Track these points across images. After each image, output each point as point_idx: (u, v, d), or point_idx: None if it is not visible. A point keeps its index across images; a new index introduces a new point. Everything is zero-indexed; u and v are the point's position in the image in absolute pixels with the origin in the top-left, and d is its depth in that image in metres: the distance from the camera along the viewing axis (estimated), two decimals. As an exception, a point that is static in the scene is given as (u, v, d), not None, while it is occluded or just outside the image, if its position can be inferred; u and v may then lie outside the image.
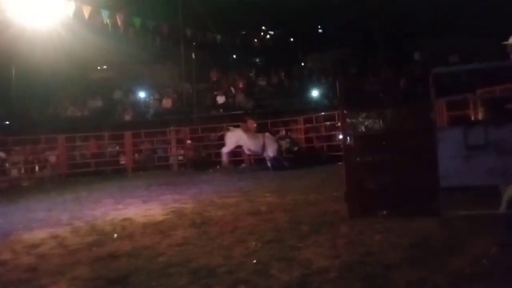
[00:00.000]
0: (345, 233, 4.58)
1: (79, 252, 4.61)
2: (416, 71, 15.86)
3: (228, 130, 11.90)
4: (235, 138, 11.30)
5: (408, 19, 14.22)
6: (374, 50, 15.34)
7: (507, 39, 6.72)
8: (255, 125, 12.38)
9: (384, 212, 5.00)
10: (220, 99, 16.49)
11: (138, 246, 4.66)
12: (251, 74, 18.76)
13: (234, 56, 21.30)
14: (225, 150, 11.46)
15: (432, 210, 4.80)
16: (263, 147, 11.21)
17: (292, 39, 21.52)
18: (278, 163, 11.22)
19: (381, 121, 5.40)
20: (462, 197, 5.26)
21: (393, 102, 12.09)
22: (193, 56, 16.03)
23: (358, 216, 5.05)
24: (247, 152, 11.91)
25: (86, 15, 10.60)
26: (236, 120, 13.95)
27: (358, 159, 5.46)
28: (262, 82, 17.98)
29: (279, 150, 11.26)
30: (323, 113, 13.24)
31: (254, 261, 3.87)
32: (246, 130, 11.83)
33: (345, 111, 5.55)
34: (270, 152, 11.12)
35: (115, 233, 5.35)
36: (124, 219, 6.12)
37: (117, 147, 14.10)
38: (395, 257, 3.70)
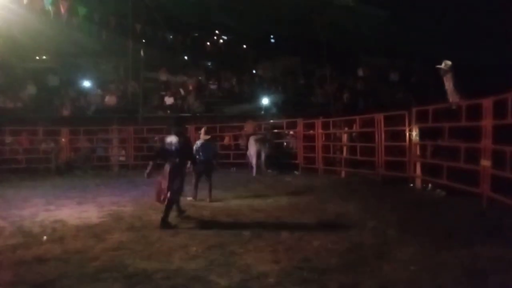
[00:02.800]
0: (285, 238, 4.68)
1: (1, 254, 4.24)
2: (359, 86, 16.76)
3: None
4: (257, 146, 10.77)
5: (354, 37, 14.98)
6: (321, 63, 15.94)
7: (440, 63, 7.37)
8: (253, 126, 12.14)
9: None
10: (168, 100, 16.09)
11: (69, 249, 4.38)
12: (201, 77, 18.57)
13: (185, 57, 20.96)
14: (256, 156, 10.78)
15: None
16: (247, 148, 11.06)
17: (244, 46, 21.68)
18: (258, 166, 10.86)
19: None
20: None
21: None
22: (142, 53, 15.47)
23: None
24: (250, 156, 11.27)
25: (25, -1, 9.83)
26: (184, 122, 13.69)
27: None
28: (213, 86, 17.86)
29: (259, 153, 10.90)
30: (271, 121, 13.45)
31: (194, 266, 3.81)
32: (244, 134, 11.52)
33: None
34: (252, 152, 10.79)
35: (44, 235, 4.98)
36: (56, 221, 5.72)
37: (52, 144, 13.16)
38: (331, 262, 3.85)
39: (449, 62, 7.19)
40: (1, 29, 11.95)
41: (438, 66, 7.32)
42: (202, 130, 7.51)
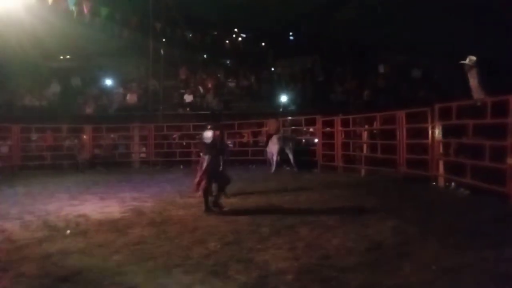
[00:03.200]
0: (304, 236, 4.65)
1: (28, 247, 4.38)
2: (380, 83, 16.46)
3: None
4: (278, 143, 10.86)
5: (375, 33, 14.71)
6: (341, 60, 15.75)
7: (464, 59, 7.16)
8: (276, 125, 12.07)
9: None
10: (188, 98, 16.26)
11: (92, 243, 4.49)
12: (220, 75, 18.67)
13: (204, 55, 21.11)
14: (276, 152, 10.87)
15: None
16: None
17: (263, 44, 21.65)
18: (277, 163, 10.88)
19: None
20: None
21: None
22: (162, 52, 15.68)
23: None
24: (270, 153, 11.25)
25: (50, 0, 10.09)
26: (203, 119, 13.81)
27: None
28: (231, 84, 17.94)
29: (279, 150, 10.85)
30: (290, 118, 13.41)
31: (212, 262, 3.84)
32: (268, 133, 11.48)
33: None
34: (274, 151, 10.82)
35: (68, 229, 5.13)
36: (79, 215, 5.88)
37: (76, 141, 13.53)
38: (351, 261, 3.80)
39: (473, 58, 6.98)
40: (27, 30, 12.33)
41: (462, 61, 7.12)
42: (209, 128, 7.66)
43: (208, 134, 5.92)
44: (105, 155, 13.17)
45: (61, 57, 18.88)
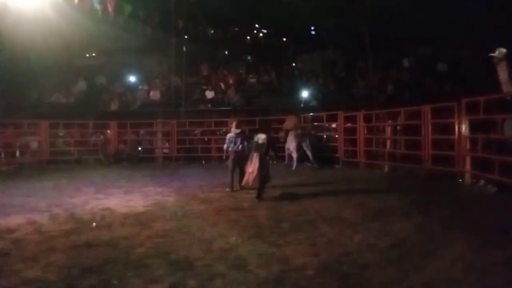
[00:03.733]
0: (325, 232, 4.62)
1: (56, 239, 4.53)
2: (404, 77, 16.10)
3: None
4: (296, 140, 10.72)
5: (398, 26, 14.34)
6: (363, 54, 15.45)
7: (493, 51, 6.89)
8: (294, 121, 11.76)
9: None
10: (209, 94, 16.39)
11: (117, 236, 4.60)
12: (241, 71, 18.70)
13: (226, 51, 21.19)
14: (294, 149, 10.78)
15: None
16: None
17: (284, 39, 21.51)
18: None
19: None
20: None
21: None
22: (184, 48, 15.84)
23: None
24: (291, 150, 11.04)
25: (76, -1, 10.35)
26: (224, 116, 13.91)
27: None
28: (252, 80, 17.95)
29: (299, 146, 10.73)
30: (311, 114, 13.30)
31: (233, 256, 3.87)
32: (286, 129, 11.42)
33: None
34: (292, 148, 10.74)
35: (94, 222, 5.27)
36: (104, 209, 6.04)
37: (101, 137, 13.89)
38: (372, 257, 3.75)
39: (503, 50, 6.71)
40: (54, 29, 12.70)
41: (492, 54, 6.86)
42: (233, 124, 7.96)
43: (262, 136, 6.85)
44: (129, 150, 13.46)
45: (87, 55, 19.36)
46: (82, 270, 3.55)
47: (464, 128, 7.58)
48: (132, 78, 17.92)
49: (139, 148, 13.82)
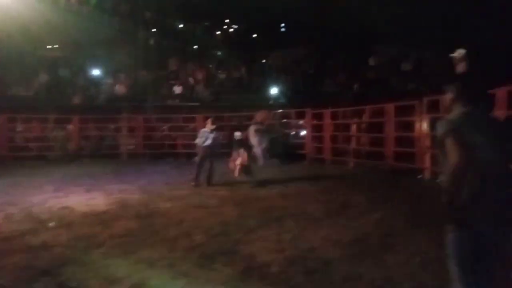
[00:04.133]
0: (290, 228, 4.66)
1: (10, 240, 4.31)
2: (370, 75, 16.49)
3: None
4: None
5: (366, 26, 14.68)
6: (332, 52, 15.70)
7: (453, 52, 7.19)
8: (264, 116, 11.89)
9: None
10: (178, 89, 16.11)
11: (76, 236, 4.43)
12: (210, 66, 18.51)
13: (195, 46, 20.90)
14: (260, 146, 10.69)
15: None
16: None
17: (255, 35, 21.48)
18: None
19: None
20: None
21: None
22: (152, 42, 15.49)
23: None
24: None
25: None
26: (193, 112, 13.73)
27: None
28: (222, 75, 17.80)
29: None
30: (280, 110, 13.36)
31: (198, 254, 3.82)
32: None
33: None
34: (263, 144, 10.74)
35: (52, 221, 5.05)
36: (64, 208, 5.80)
37: (63, 132, 13.35)
38: (336, 252, 3.82)
39: (462, 51, 7.02)
40: (14, 17, 12.03)
41: (452, 54, 7.15)
42: (209, 121, 8.05)
43: (238, 133, 8.22)
44: (92, 146, 12.99)
45: (49, 47, 18.52)
46: (39, 272, 3.39)
47: (425, 125, 7.86)
48: (97, 72, 17.30)
49: (103, 144, 13.37)
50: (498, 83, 5.97)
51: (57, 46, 18.60)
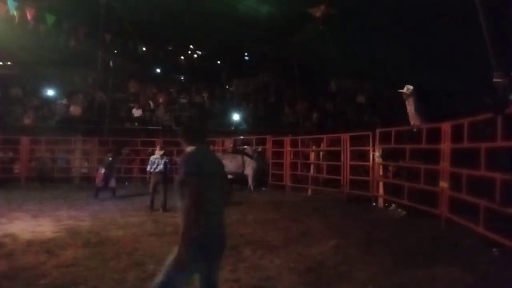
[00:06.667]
0: (247, 256, 4.61)
1: None
2: (328, 106, 17.15)
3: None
4: None
5: (324, 60, 15.36)
6: (292, 82, 16.18)
7: (402, 88, 7.66)
8: (231, 145, 12.05)
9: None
10: (137, 112, 15.76)
11: (17, 266, 4.12)
12: (171, 90, 18.40)
13: (158, 69, 20.75)
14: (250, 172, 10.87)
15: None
16: (243, 166, 10.95)
17: (218, 62, 21.74)
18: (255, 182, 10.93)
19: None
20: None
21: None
22: (111, 63, 15.18)
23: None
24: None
25: (-13, 2, 9.41)
26: (152, 135, 13.48)
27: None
28: (183, 100, 17.72)
29: (256, 169, 10.96)
30: (241, 137, 13.44)
31: (149, 285, 3.65)
32: (224, 152, 11.40)
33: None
34: (249, 170, 10.87)
35: (-9, 250, 4.66)
36: (6, 235, 5.39)
37: (11, 153, 12.53)
38: (291, 281, 3.82)
39: (410, 87, 7.50)
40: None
41: (400, 90, 7.61)
42: (158, 146, 8.36)
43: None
44: (42, 169, 12.27)
45: (0, 63, 17.63)
46: (-31, 308, 3.09)
47: (378, 155, 8.22)
48: (51, 92, 16.61)
49: (54, 167, 12.68)
50: (442, 118, 6.44)
51: (9, 63, 17.74)
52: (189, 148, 2.60)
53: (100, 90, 15.48)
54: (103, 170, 9.34)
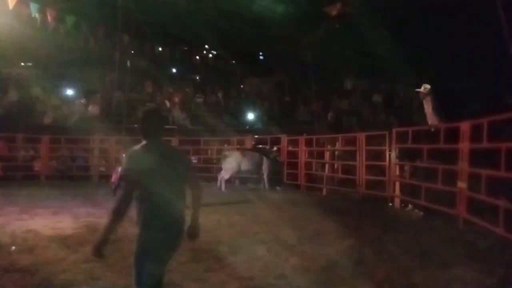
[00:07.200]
0: (262, 255, 4.64)
1: (-34, 265, 4.08)
2: (343, 105, 17.03)
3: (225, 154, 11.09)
4: (236, 162, 10.60)
5: (340, 58, 15.27)
6: (307, 81, 16.13)
7: (419, 87, 7.57)
8: (253, 142, 11.86)
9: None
10: (153, 112, 15.96)
11: (38, 261, 4.24)
12: (187, 90, 18.59)
13: (173, 69, 21.00)
14: (225, 176, 10.71)
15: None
16: (260, 164, 10.83)
17: (233, 61, 21.85)
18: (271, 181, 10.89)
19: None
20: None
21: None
22: (128, 64, 15.43)
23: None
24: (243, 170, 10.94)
25: (10, 5, 9.69)
26: (168, 134, 13.64)
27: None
28: (199, 99, 17.89)
29: (272, 168, 10.93)
30: (256, 136, 13.46)
31: (167, 280, 3.72)
32: (243, 150, 11.32)
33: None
34: (265, 169, 10.79)
35: (14, 245, 4.82)
36: (28, 231, 5.55)
37: (32, 152, 12.89)
38: (306, 280, 3.83)
39: (428, 86, 7.40)
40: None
41: (418, 89, 7.52)
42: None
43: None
44: (62, 167, 12.58)
45: (22, 64, 18.11)
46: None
47: (394, 155, 8.13)
48: (70, 91, 16.99)
49: (73, 165, 12.98)
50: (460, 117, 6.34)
51: (30, 64, 18.21)
52: (138, 145, 2.67)
53: (117, 90, 15.76)
54: (120, 169, 9.50)
